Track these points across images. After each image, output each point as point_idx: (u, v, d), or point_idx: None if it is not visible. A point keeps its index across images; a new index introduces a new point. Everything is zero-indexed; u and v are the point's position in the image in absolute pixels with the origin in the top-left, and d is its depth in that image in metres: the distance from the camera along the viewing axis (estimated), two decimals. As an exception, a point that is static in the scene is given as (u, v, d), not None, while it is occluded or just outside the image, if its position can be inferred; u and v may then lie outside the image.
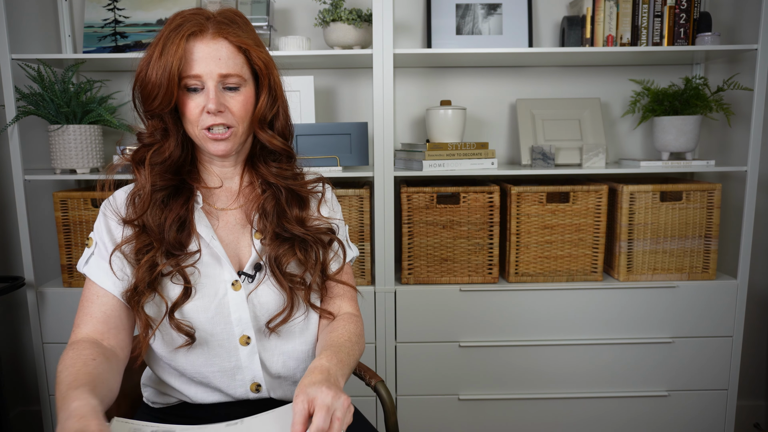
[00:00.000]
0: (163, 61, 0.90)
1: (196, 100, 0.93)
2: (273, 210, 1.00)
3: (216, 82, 0.92)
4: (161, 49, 0.91)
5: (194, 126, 0.95)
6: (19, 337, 2.15)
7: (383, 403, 1.21)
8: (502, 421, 1.87)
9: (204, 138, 0.95)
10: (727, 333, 1.84)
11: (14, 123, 1.75)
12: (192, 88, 0.93)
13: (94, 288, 0.95)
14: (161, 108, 0.93)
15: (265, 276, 0.99)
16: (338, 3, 1.82)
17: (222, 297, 0.97)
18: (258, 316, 0.99)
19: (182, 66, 0.91)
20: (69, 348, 0.90)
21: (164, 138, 0.97)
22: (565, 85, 2.08)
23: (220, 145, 0.95)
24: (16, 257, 2.11)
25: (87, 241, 1.00)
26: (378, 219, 1.79)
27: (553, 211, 1.82)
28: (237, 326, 0.98)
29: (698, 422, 1.89)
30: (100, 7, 1.92)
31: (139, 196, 0.97)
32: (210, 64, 0.91)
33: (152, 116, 0.96)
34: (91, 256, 0.98)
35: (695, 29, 1.85)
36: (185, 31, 0.91)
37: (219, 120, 0.93)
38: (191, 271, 0.96)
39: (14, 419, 2.14)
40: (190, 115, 0.94)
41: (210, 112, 0.92)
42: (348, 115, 2.09)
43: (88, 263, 0.97)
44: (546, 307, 1.83)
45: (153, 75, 0.91)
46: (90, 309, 0.94)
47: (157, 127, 0.96)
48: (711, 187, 1.81)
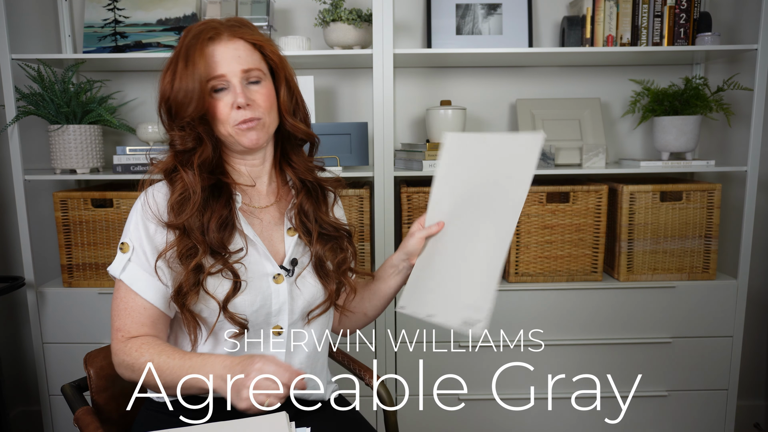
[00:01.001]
0: (190, 70, 0.94)
1: (224, 99, 0.97)
2: (311, 209, 1.08)
3: (240, 79, 0.97)
4: (185, 60, 0.95)
5: (225, 124, 0.98)
6: (19, 337, 2.15)
7: (383, 403, 1.21)
8: (502, 420, 1.87)
9: (236, 133, 0.99)
10: (727, 333, 1.84)
11: (14, 123, 1.75)
12: (219, 89, 0.97)
13: (138, 299, 0.98)
14: (195, 114, 0.96)
15: (304, 270, 1.06)
16: (338, 3, 1.82)
17: (266, 289, 1.02)
18: (294, 308, 1.05)
19: (206, 70, 0.95)
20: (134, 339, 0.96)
21: (199, 144, 0.99)
22: (565, 85, 2.08)
23: (252, 134, 0.99)
24: (16, 257, 2.11)
25: (121, 246, 1.00)
26: (378, 219, 1.79)
27: (553, 211, 1.82)
28: (275, 317, 1.03)
29: (698, 422, 1.89)
30: (100, 7, 1.92)
31: (186, 199, 0.98)
32: (232, 63, 0.97)
33: (182, 127, 0.98)
34: (128, 263, 0.99)
35: (695, 29, 1.85)
36: (204, 36, 0.96)
37: (249, 114, 0.98)
38: (238, 266, 1.00)
39: (14, 419, 2.14)
40: (220, 114, 0.98)
41: (240, 106, 0.97)
42: (348, 115, 2.09)
43: (125, 270, 0.98)
44: (546, 307, 1.83)
45: (183, 85, 0.95)
46: (138, 318, 0.98)
47: (189, 135, 0.98)
48: (711, 187, 1.81)
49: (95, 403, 1.12)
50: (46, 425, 1.89)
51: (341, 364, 1.33)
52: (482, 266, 1.01)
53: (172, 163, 1.00)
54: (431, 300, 1.05)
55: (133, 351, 0.94)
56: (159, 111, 1.01)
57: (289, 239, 1.07)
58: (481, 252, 1.02)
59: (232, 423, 0.90)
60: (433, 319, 1.03)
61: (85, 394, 1.14)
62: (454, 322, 1.00)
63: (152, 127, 1.90)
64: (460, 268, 1.04)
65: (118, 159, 1.82)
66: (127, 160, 1.82)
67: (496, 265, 0.99)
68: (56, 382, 1.85)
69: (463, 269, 1.03)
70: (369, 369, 1.27)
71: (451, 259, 1.06)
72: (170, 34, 1.90)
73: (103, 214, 1.79)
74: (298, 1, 2.03)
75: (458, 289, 1.03)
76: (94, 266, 1.82)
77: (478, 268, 1.01)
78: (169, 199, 0.99)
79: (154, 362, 0.92)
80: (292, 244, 1.07)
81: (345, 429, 1.11)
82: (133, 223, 1.01)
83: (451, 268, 1.05)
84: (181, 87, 0.95)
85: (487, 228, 1.02)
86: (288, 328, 1.05)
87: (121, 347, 0.96)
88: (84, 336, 1.83)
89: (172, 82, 0.96)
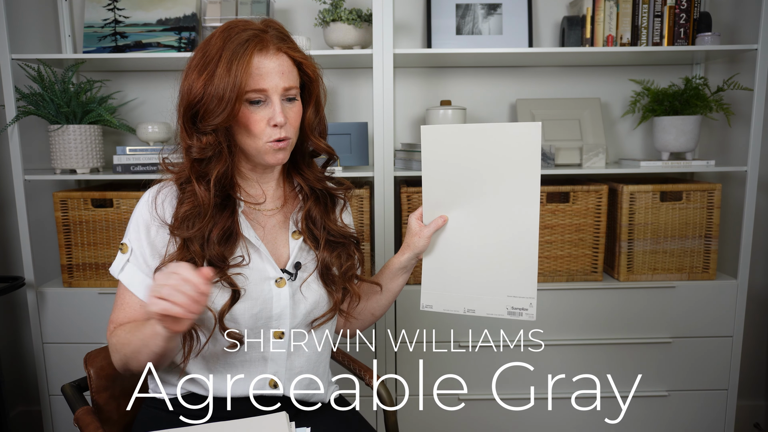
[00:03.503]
0: (232, 77, 0.91)
1: (260, 113, 0.95)
2: (319, 216, 1.07)
3: (279, 96, 0.96)
4: (228, 65, 0.91)
5: (257, 139, 0.96)
6: (19, 337, 2.15)
7: (383, 403, 1.21)
8: (502, 420, 1.87)
9: (267, 150, 0.97)
10: (727, 333, 1.84)
11: (14, 123, 1.75)
12: (255, 101, 0.95)
13: (134, 297, 1.00)
14: (224, 122, 0.93)
15: (309, 275, 1.06)
16: (338, 3, 1.82)
17: (267, 293, 1.01)
18: (296, 313, 1.04)
19: (248, 81, 0.92)
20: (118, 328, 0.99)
21: (218, 153, 0.96)
22: (565, 85, 2.08)
23: (280, 154, 0.98)
24: (16, 257, 2.11)
25: (121, 246, 1.01)
26: (378, 219, 1.79)
27: (553, 211, 1.82)
28: (276, 321, 1.03)
29: (698, 422, 1.89)
30: (100, 7, 1.92)
31: (195, 215, 0.96)
32: (275, 78, 0.94)
33: (206, 132, 0.95)
34: (126, 264, 1.00)
35: (695, 29, 1.85)
36: (252, 45, 0.93)
37: (283, 133, 0.97)
38: (237, 276, 0.99)
39: (14, 419, 2.14)
40: (255, 128, 0.95)
41: (278, 124, 0.95)
42: (348, 115, 2.09)
43: (123, 271, 1.00)
44: (546, 307, 1.83)
45: (220, 91, 0.91)
46: (131, 313, 1.01)
47: (211, 142, 0.95)
48: (711, 187, 1.81)
49: (95, 403, 1.13)
50: (46, 425, 1.89)
51: (341, 364, 1.33)
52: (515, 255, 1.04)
53: (188, 170, 0.97)
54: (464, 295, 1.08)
55: (113, 337, 0.99)
56: (179, 112, 0.98)
57: (293, 242, 1.07)
58: (506, 241, 1.05)
59: (232, 423, 0.90)
60: (476, 314, 1.06)
61: (85, 394, 1.14)
62: (501, 312, 1.05)
63: (152, 127, 1.90)
64: (488, 260, 1.07)
65: (118, 159, 1.82)
66: (127, 160, 1.82)
67: (531, 253, 1.03)
68: (56, 382, 1.85)
69: (495, 260, 1.06)
70: (369, 369, 1.27)
71: (470, 251, 1.08)
72: (170, 34, 1.90)
73: (103, 214, 1.79)
74: (298, 1, 2.03)
75: (495, 280, 1.06)
76: (94, 266, 1.82)
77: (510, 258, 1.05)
78: (177, 209, 0.98)
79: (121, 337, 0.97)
80: (296, 247, 1.06)
81: (345, 429, 1.11)
82: (134, 223, 1.01)
83: (475, 260, 1.08)
84: (216, 92, 0.91)
85: (505, 218, 1.05)
86: (289, 331, 1.04)
87: (111, 332, 1.00)
88: (84, 336, 1.83)
89: (205, 84, 0.92)
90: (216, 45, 0.94)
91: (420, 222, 1.13)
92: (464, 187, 1.07)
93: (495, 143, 1.04)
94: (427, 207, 1.11)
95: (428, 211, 1.11)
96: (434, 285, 1.13)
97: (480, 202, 1.07)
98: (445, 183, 1.08)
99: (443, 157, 1.08)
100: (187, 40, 1.89)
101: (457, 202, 1.09)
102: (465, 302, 1.10)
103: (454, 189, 1.08)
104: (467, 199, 1.08)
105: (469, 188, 1.07)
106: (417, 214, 1.13)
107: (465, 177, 1.07)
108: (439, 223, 1.10)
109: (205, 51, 0.95)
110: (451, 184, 1.08)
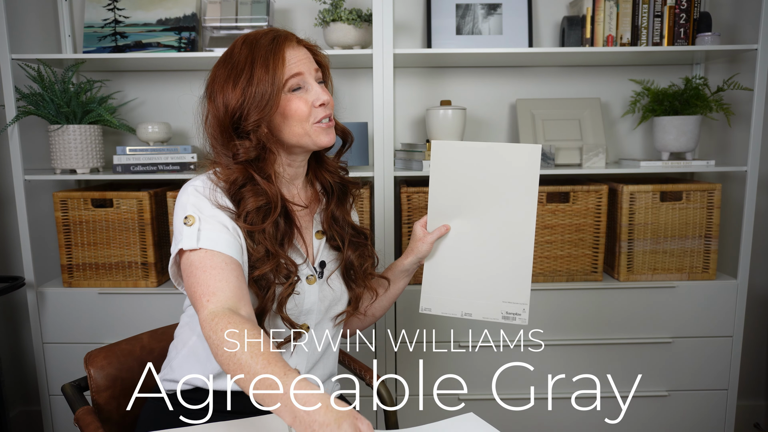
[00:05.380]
0: (271, 73, 0.97)
1: (303, 97, 1.00)
2: (341, 215, 1.12)
3: (314, 77, 1.03)
4: (265, 64, 0.97)
5: (305, 122, 1.00)
6: (19, 337, 2.15)
7: (383, 403, 1.21)
8: (502, 420, 1.87)
9: (317, 131, 1.02)
10: (727, 333, 1.84)
11: (14, 123, 1.75)
12: (295, 88, 1.00)
13: (220, 257, 0.91)
14: (264, 118, 0.97)
15: (332, 273, 1.11)
16: (338, 3, 1.82)
17: (300, 290, 1.06)
18: (321, 309, 1.09)
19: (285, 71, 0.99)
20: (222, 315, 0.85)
21: (262, 152, 1.00)
22: (565, 85, 2.08)
23: (330, 132, 1.04)
24: (16, 257, 2.11)
25: (186, 219, 0.94)
26: (378, 219, 1.79)
27: (554, 211, 1.82)
28: (305, 315, 1.07)
29: (698, 422, 1.89)
30: (100, 7, 1.92)
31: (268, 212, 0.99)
32: (306, 63, 1.02)
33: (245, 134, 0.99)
34: (199, 232, 0.93)
35: (695, 29, 1.85)
36: (282, 42, 1.00)
37: (328, 110, 1.03)
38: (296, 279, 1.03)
39: (14, 419, 2.14)
40: (299, 112, 1.00)
41: (324, 103, 1.01)
42: (348, 115, 2.09)
43: (201, 239, 0.92)
44: (546, 307, 1.83)
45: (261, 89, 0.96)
46: (223, 275, 0.90)
47: (253, 143, 0.98)
48: (711, 187, 1.81)
49: (95, 403, 1.13)
50: (46, 425, 1.89)
51: (341, 364, 1.33)
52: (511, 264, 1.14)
53: (239, 175, 0.98)
54: (462, 300, 1.17)
55: (219, 330, 0.83)
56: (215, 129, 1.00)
57: (316, 241, 1.11)
58: (503, 250, 1.15)
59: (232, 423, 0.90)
60: (472, 317, 1.15)
61: (85, 394, 1.14)
62: (495, 316, 1.15)
63: (152, 127, 1.90)
64: (486, 268, 1.16)
65: (118, 159, 1.82)
66: (127, 160, 1.82)
67: (526, 263, 1.13)
68: (56, 382, 1.85)
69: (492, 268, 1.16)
70: (369, 369, 1.28)
71: (469, 259, 1.17)
72: (170, 34, 1.90)
73: (103, 214, 1.79)
74: (298, 1, 2.03)
75: (492, 287, 1.16)
76: (94, 266, 1.82)
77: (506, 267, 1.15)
78: (241, 208, 0.97)
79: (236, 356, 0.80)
80: (320, 246, 1.11)
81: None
82: (192, 199, 0.97)
83: (473, 267, 1.17)
84: (257, 92, 0.96)
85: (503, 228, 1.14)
86: (314, 327, 1.09)
87: (208, 319, 0.86)
88: (84, 336, 1.83)
89: (244, 90, 0.96)
90: (243, 53, 0.99)
91: (424, 229, 1.20)
92: (467, 198, 1.16)
93: (498, 160, 1.13)
94: (432, 215, 1.19)
95: (432, 220, 1.20)
96: (434, 289, 1.20)
97: (481, 214, 1.15)
98: (450, 194, 1.17)
99: (450, 170, 1.16)
100: (187, 40, 1.89)
101: (460, 212, 1.17)
102: (462, 306, 1.18)
103: (458, 200, 1.16)
104: (469, 210, 1.16)
105: (472, 200, 1.16)
106: (422, 221, 1.21)
107: (469, 189, 1.15)
108: (442, 231, 1.18)
109: (233, 64, 0.99)
110: (455, 196, 1.16)
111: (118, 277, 1.82)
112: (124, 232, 1.79)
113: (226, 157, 1.00)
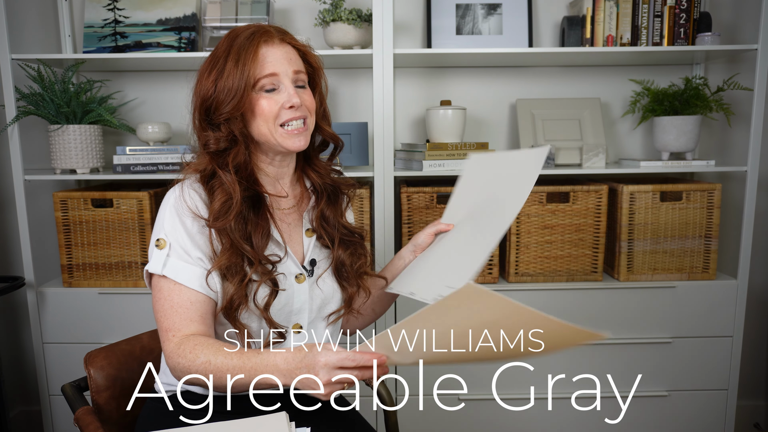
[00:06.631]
0: (240, 68, 0.97)
1: (274, 98, 1.00)
2: (332, 215, 1.11)
3: (291, 79, 1.00)
4: (236, 59, 0.97)
5: (270, 123, 1.00)
6: (19, 337, 2.15)
7: (383, 403, 1.21)
8: (502, 420, 1.87)
9: (281, 135, 1.01)
10: (727, 333, 1.84)
11: (14, 123, 1.75)
12: (269, 89, 1.00)
13: (184, 292, 0.97)
14: (235, 110, 0.98)
15: (323, 271, 1.10)
16: (338, 3, 1.82)
17: (289, 289, 1.05)
18: (312, 307, 1.08)
19: (257, 70, 0.98)
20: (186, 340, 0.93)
21: (233, 145, 1.01)
22: (565, 85, 2.08)
23: (300, 138, 1.02)
24: (16, 257, 2.11)
25: (157, 242, 0.99)
26: (378, 219, 1.79)
27: (553, 211, 1.82)
28: (296, 315, 1.07)
29: (698, 422, 1.89)
30: (100, 7, 1.92)
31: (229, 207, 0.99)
32: (284, 64, 1.00)
33: (217, 125, 1.00)
34: (167, 258, 0.97)
35: (695, 29, 1.85)
36: (257, 38, 0.99)
37: (298, 113, 1.01)
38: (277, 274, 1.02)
39: (14, 419, 2.14)
40: (267, 112, 0.99)
41: (293, 105, 1.00)
42: (348, 115, 2.09)
43: (167, 266, 0.97)
44: (546, 307, 1.82)
45: (229, 83, 0.97)
46: (186, 314, 0.96)
47: (224, 134, 1.00)
48: (711, 187, 1.81)
49: (95, 403, 1.13)
50: (46, 425, 1.89)
51: (341, 364, 1.33)
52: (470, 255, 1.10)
53: (208, 165, 1.01)
54: (416, 282, 1.13)
55: (188, 353, 0.91)
56: (194, 115, 1.03)
57: (307, 240, 1.10)
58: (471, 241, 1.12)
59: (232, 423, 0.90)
60: (414, 297, 1.10)
61: (85, 394, 1.14)
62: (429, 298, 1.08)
63: (152, 127, 1.90)
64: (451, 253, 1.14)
65: (118, 159, 1.82)
66: (127, 160, 1.82)
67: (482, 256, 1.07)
68: (56, 382, 1.85)
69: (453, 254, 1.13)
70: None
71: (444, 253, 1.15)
72: (170, 34, 1.90)
73: (103, 214, 1.79)
74: (298, 1, 2.03)
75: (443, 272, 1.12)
76: (94, 266, 1.82)
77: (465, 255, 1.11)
78: (211, 206, 0.99)
79: (212, 363, 0.90)
80: (310, 245, 1.10)
81: (345, 429, 1.11)
82: (168, 217, 1.00)
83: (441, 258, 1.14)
84: (226, 84, 0.97)
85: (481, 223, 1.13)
86: (307, 326, 1.08)
87: (174, 349, 0.93)
88: (84, 336, 1.83)
89: (215, 80, 0.98)
90: (222, 46, 1.01)
91: None
92: (476, 205, 1.16)
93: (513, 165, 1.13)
94: (447, 214, 1.20)
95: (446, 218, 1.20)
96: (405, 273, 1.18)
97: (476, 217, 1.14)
98: (467, 201, 1.18)
99: (476, 179, 1.17)
100: (187, 40, 1.89)
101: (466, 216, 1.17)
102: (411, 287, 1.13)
103: (469, 207, 1.17)
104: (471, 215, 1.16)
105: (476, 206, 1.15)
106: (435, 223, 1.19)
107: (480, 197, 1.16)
108: (442, 227, 1.17)
109: (214, 54, 1.01)
110: (469, 201, 1.17)
111: (118, 277, 1.82)
112: (124, 232, 1.79)
113: (200, 146, 1.03)
